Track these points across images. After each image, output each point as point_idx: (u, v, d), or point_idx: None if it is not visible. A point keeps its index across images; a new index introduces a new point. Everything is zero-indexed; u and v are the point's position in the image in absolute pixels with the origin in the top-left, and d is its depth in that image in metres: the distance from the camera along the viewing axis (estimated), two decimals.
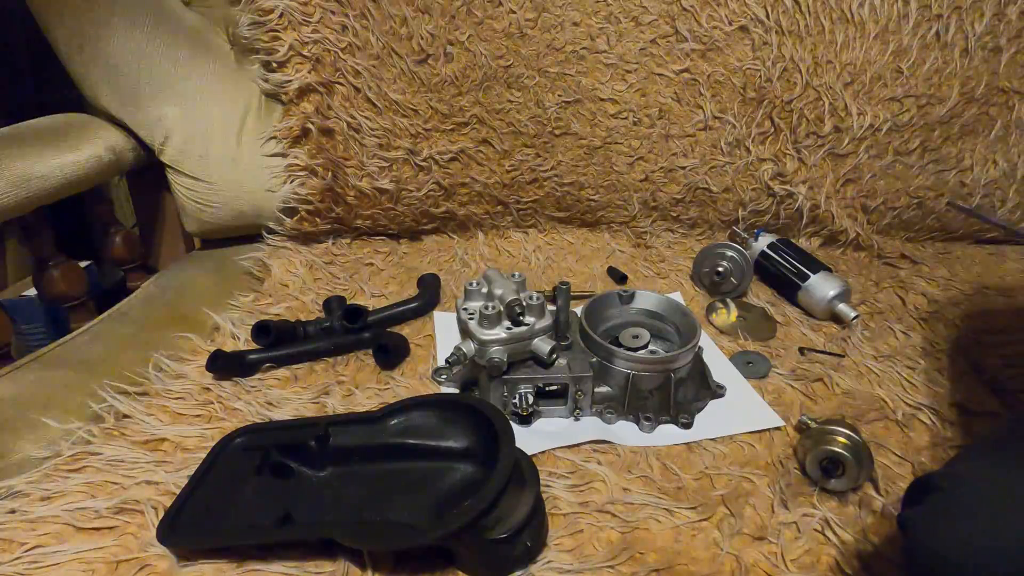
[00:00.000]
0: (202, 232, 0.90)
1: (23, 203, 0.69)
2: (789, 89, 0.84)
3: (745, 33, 0.84)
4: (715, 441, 0.53)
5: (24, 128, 0.76)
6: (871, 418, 0.55)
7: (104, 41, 0.78)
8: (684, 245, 0.91)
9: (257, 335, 0.63)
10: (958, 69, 0.83)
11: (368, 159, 0.84)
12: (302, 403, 0.57)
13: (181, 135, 0.83)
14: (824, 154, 0.86)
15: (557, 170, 0.88)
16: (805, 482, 0.49)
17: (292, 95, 0.81)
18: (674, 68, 0.85)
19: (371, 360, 0.64)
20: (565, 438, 0.53)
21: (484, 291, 0.58)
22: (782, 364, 0.63)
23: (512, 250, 0.89)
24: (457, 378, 0.60)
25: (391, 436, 0.49)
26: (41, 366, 0.64)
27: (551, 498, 0.47)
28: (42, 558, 0.42)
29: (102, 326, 0.72)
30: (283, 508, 0.44)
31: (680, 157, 0.88)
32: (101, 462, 0.49)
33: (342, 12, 0.80)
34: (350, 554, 0.42)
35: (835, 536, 0.44)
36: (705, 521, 0.45)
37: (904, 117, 0.84)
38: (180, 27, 0.83)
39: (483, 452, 0.46)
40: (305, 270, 0.80)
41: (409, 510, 0.44)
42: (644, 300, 0.63)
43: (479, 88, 0.84)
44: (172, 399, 0.57)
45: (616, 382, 0.55)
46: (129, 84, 0.81)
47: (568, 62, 0.84)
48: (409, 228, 0.91)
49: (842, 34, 0.83)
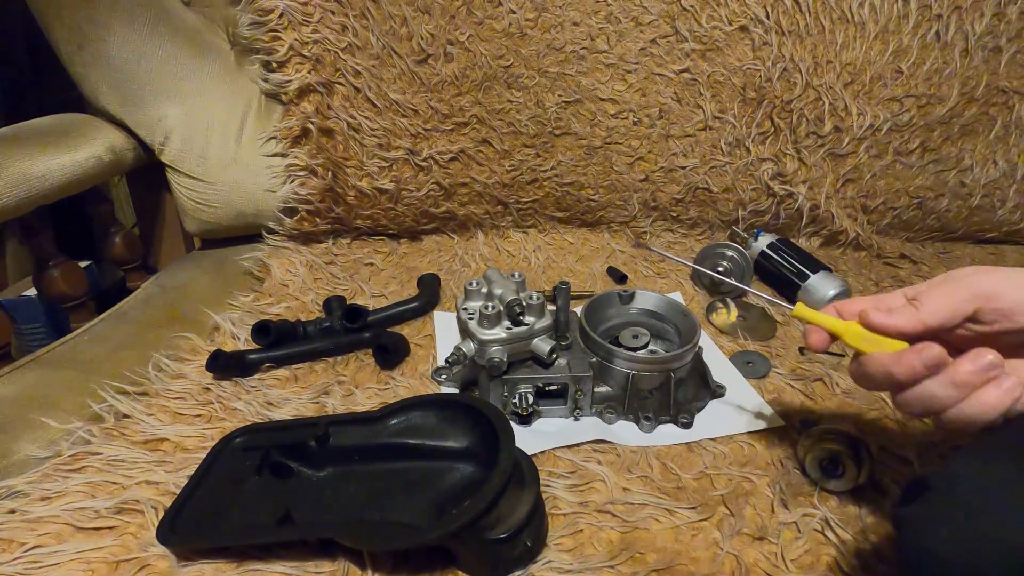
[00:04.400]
0: (202, 232, 0.90)
1: (23, 203, 0.69)
2: (789, 89, 0.84)
3: (745, 33, 0.84)
4: (715, 441, 0.53)
5: (24, 128, 0.76)
6: (871, 418, 0.55)
7: (104, 41, 0.78)
8: (684, 245, 0.91)
9: (257, 335, 0.63)
10: (958, 69, 0.83)
11: (368, 159, 0.84)
12: (302, 403, 0.57)
13: (181, 135, 0.83)
14: (824, 154, 0.86)
15: (557, 170, 0.88)
16: (805, 482, 0.49)
17: (292, 95, 0.81)
18: (674, 68, 0.85)
19: (371, 360, 0.64)
20: (565, 438, 0.53)
21: (484, 291, 0.58)
22: (782, 364, 0.63)
23: (512, 250, 0.89)
24: (457, 378, 0.60)
25: (391, 436, 0.49)
26: (41, 366, 0.64)
27: (551, 498, 0.47)
28: (42, 558, 0.42)
29: (102, 326, 0.72)
30: (283, 508, 0.44)
31: (680, 157, 0.88)
32: (101, 462, 0.49)
33: (342, 12, 0.80)
34: (350, 554, 0.42)
35: (835, 536, 0.44)
36: (705, 521, 0.45)
37: (904, 117, 0.84)
38: (180, 27, 0.83)
39: (483, 452, 0.46)
40: (305, 270, 0.80)
41: (409, 510, 0.44)
42: (644, 300, 0.63)
43: (479, 88, 0.84)
44: (172, 399, 0.57)
45: (616, 382, 0.55)
46: (129, 84, 0.81)
47: (568, 62, 0.84)
48: (409, 228, 0.91)
49: (842, 34, 0.83)
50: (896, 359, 0.37)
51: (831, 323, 0.41)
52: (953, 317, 0.38)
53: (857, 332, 0.40)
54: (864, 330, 0.39)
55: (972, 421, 0.36)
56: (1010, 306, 0.37)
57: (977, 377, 0.35)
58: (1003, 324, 0.37)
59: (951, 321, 0.38)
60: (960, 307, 0.37)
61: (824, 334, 0.41)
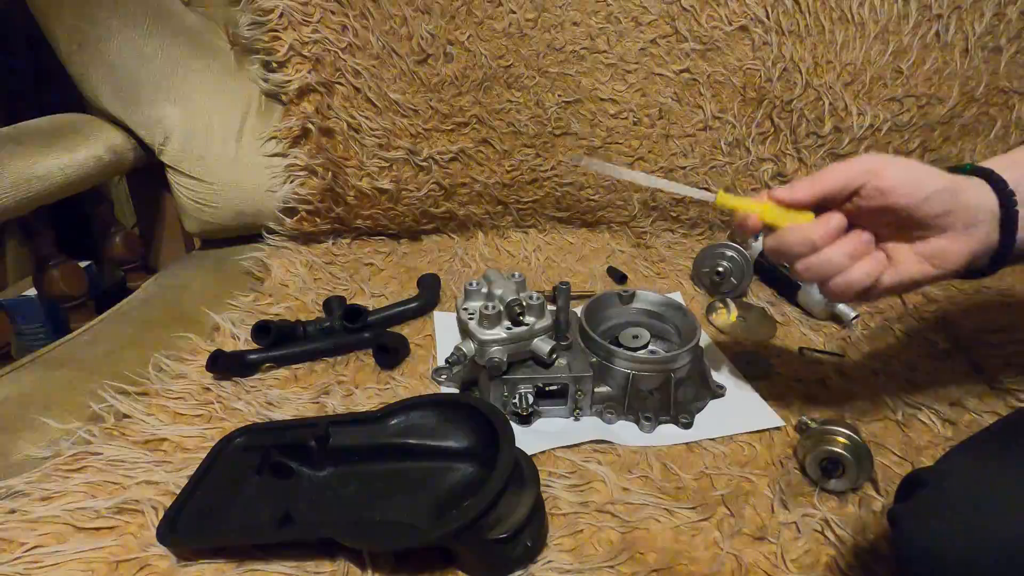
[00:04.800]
0: (202, 232, 0.90)
1: (23, 203, 0.69)
2: (789, 89, 0.84)
3: (745, 33, 0.84)
4: (715, 441, 0.53)
5: (24, 128, 0.76)
6: (871, 418, 0.55)
7: (104, 41, 0.78)
8: (684, 245, 0.91)
9: (257, 335, 0.63)
10: (958, 69, 0.83)
11: (368, 159, 0.84)
12: (302, 403, 0.57)
13: (181, 135, 0.83)
14: (824, 154, 0.86)
15: (557, 170, 0.88)
16: (805, 482, 0.49)
17: (292, 95, 0.81)
18: (674, 68, 0.85)
19: (371, 360, 0.64)
20: (565, 438, 0.53)
21: (484, 291, 0.58)
22: (782, 364, 0.63)
23: (512, 250, 0.89)
24: (457, 378, 0.60)
25: (391, 436, 0.49)
26: (41, 366, 0.64)
27: (551, 498, 0.47)
28: (42, 558, 0.42)
29: (102, 326, 0.72)
30: (283, 508, 0.44)
31: (680, 157, 0.88)
32: (101, 462, 0.49)
33: (342, 12, 0.80)
34: (350, 554, 0.42)
35: (835, 536, 0.44)
36: (705, 521, 0.45)
37: (904, 117, 0.84)
38: (180, 27, 0.83)
39: (483, 452, 0.46)
40: (305, 270, 0.80)
41: (409, 510, 0.44)
42: (644, 300, 0.63)
43: (479, 88, 0.84)
44: (172, 399, 0.57)
45: (616, 382, 0.55)
46: (129, 84, 0.81)
47: (568, 62, 0.84)
48: (409, 228, 0.91)
49: (842, 34, 0.83)
50: (813, 224, 0.43)
51: (749, 205, 0.46)
52: (845, 187, 0.42)
53: (771, 210, 0.45)
54: (777, 207, 0.45)
55: (852, 285, 0.42)
56: (890, 185, 0.41)
57: (863, 247, 0.42)
58: (879, 201, 0.41)
59: (842, 190, 0.43)
60: (851, 178, 0.42)
61: (753, 216, 0.46)
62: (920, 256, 0.43)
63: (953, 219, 0.41)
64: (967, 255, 0.42)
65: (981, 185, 0.42)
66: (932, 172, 0.42)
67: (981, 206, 0.41)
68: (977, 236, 0.41)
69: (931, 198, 0.41)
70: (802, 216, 0.44)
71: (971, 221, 0.41)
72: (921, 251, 0.43)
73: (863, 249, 0.42)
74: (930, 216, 0.41)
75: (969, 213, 0.41)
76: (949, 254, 0.42)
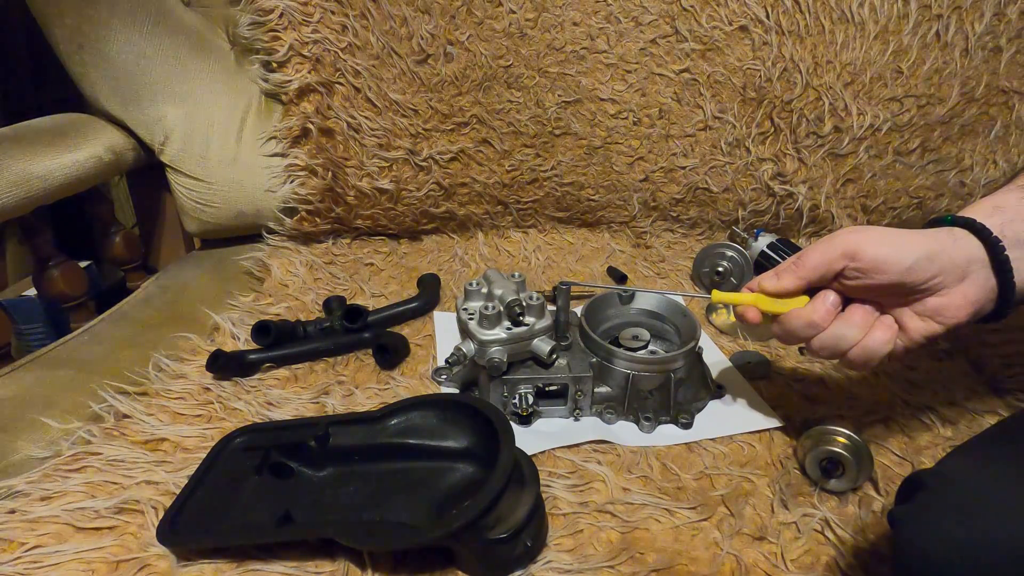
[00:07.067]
0: (202, 232, 0.90)
1: (23, 203, 0.69)
2: (789, 89, 0.84)
3: (745, 33, 0.84)
4: (715, 441, 0.53)
5: (24, 128, 0.76)
6: (871, 418, 0.55)
7: (104, 41, 0.78)
8: (684, 245, 0.91)
9: (257, 335, 0.63)
10: (958, 69, 0.83)
11: (368, 159, 0.84)
12: (302, 403, 0.57)
13: (181, 135, 0.83)
14: (824, 154, 0.86)
15: (557, 170, 0.88)
16: (805, 482, 0.49)
17: (292, 95, 0.81)
18: (674, 68, 0.85)
19: (371, 360, 0.64)
20: (565, 438, 0.53)
21: (484, 291, 0.58)
22: (782, 364, 0.63)
23: (512, 250, 0.89)
24: (457, 378, 0.60)
25: (391, 436, 0.49)
26: (41, 366, 0.64)
27: (551, 498, 0.47)
28: (42, 558, 0.42)
29: (102, 326, 0.72)
30: (283, 508, 0.44)
31: (680, 157, 0.88)
32: (101, 462, 0.49)
33: (342, 12, 0.80)
34: (350, 554, 0.42)
35: (835, 536, 0.44)
36: (705, 521, 0.45)
37: (904, 117, 0.84)
38: (180, 27, 0.83)
39: (483, 452, 0.46)
40: (305, 270, 0.80)
41: (409, 510, 0.44)
42: (644, 300, 0.63)
43: (479, 88, 0.84)
44: (172, 399, 0.57)
45: (616, 382, 0.55)
46: (129, 84, 0.81)
47: (568, 62, 0.84)
48: (409, 228, 0.91)
49: (842, 34, 0.83)
50: (811, 307, 0.43)
51: (744, 298, 0.47)
52: (827, 273, 0.43)
53: (766, 300, 0.46)
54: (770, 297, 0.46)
55: (872, 354, 0.43)
56: (870, 265, 0.41)
57: (870, 316, 0.43)
58: (864, 280, 0.42)
59: (825, 276, 0.43)
60: (831, 264, 0.43)
61: (754, 309, 0.47)
62: (922, 316, 0.43)
63: (943, 278, 0.41)
64: (969, 306, 0.41)
65: (965, 236, 0.41)
66: (911, 239, 0.41)
67: (971, 258, 0.41)
68: (975, 286, 0.41)
69: (914, 267, 0.40)
70: (796, 301, 0.45)
71: (962, 275, 0.41)
72: (921, 311, 0.43)
73: (870, 318, 0.43)
74: (918, 283, 0.41)
75: (958, 269, 0.41)
76: (949, 309, 0.42)
